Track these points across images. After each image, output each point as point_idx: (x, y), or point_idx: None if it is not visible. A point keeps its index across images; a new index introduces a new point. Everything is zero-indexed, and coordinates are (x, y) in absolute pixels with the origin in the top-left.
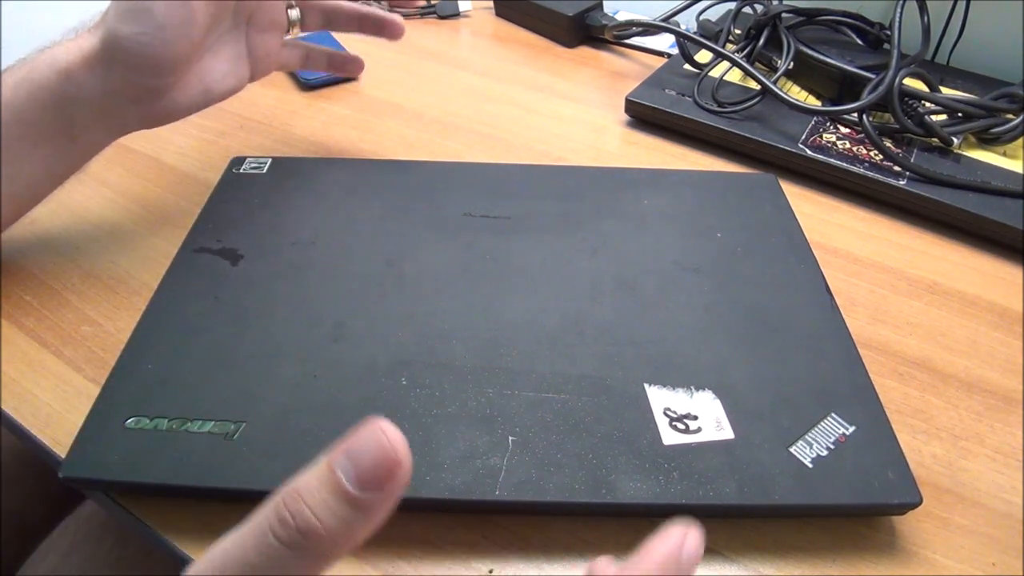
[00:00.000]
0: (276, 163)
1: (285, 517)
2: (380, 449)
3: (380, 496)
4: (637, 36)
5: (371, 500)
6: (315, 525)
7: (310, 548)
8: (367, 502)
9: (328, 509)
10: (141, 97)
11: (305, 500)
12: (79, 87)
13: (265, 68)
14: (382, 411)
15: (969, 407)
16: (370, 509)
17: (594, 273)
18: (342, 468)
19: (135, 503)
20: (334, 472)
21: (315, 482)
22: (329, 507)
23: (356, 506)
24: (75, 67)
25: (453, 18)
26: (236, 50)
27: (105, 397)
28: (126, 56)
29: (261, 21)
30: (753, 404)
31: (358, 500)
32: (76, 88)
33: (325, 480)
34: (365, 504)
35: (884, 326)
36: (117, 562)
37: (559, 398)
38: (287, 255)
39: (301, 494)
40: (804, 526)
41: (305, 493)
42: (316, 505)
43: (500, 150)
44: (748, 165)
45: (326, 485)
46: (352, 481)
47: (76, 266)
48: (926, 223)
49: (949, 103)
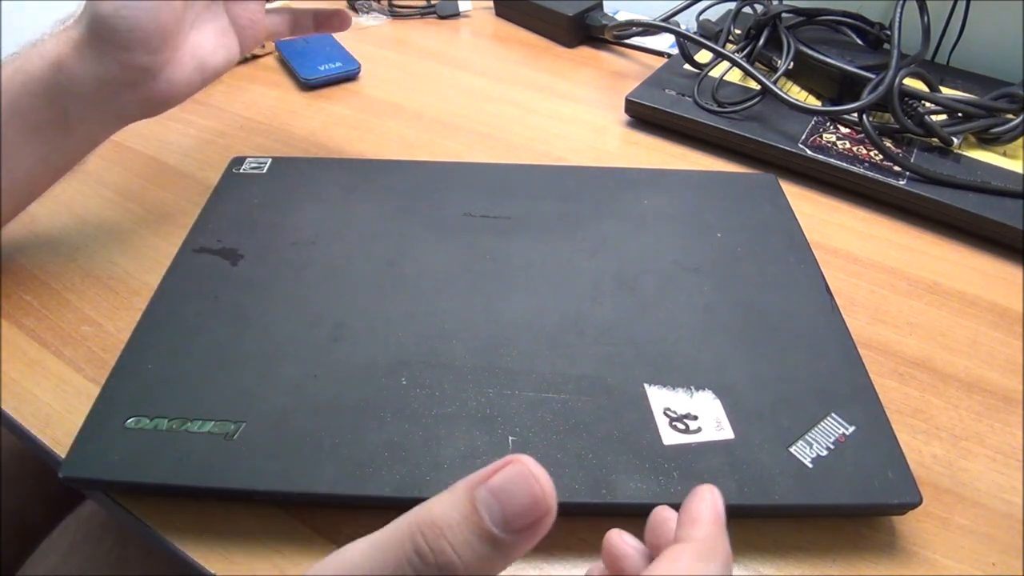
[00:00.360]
0: (276, 163)
1: (425, 552)
2: (531, 496)
3: (523, 540)
4: (637, 36)
5: (514, 543)
6: (455, 563)
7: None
8: (509, 544)
9: (470, 548)
10: (136, 79)
11: (447, 536)
12: (71, 77)
13: (253, 37)
14: (382, 411)
15: (969, 407)
16: (511, 551)
17: (594, 273)
18: (487, 508)
19: (135, 503)
20: (478, 511)
21: (457, 517)
22: (471, 546)
23: (497, 547)
24: (65, 57)
25: (453, 18)
26: (220, 23)
27: (105, 397)
28: (112, 33)
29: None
30: (753, 404)
31: (501, 542)
32: (68, 79)
33: (467, 518)
34: (507, 545)
35: (884, 326)
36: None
37: (559, 398)
38: (287, 255)
39: (442, 530)
40: (804, 526)
41: (446, 529)
42: (458, 544)
43: (500, 150)
44: (748, 165)
45: (468, 524)
46: (498, 523)
47: (76, 266)
48: (926, 223)
49: (949, 103)
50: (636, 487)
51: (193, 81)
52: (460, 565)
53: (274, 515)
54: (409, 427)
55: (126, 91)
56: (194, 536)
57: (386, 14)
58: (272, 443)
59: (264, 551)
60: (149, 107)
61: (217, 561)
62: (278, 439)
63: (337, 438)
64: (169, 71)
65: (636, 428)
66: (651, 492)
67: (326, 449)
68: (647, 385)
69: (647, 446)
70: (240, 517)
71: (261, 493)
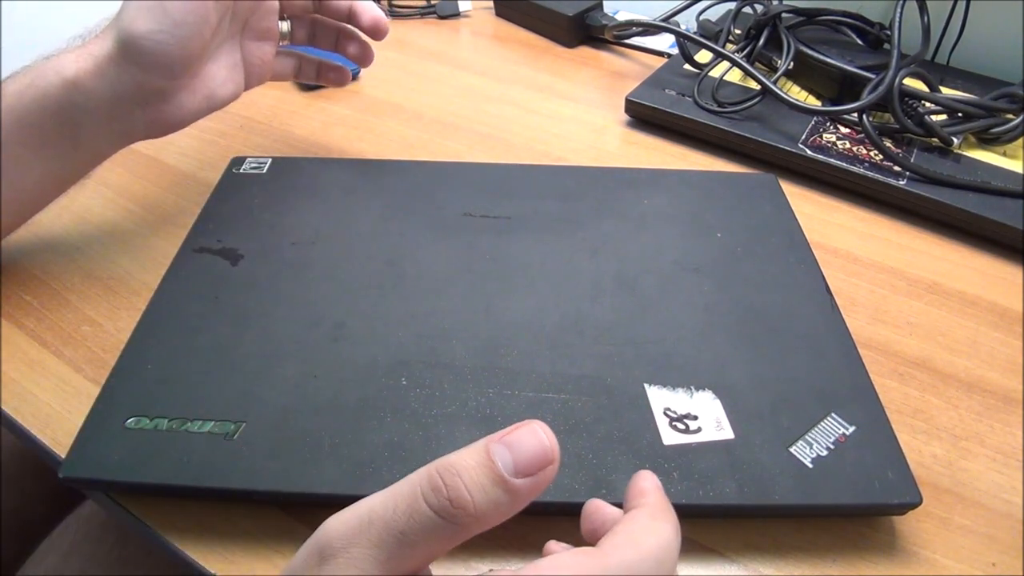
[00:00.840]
0: (276, 163)
1: (439, 486)
2: (539, 446)
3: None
4: (637, 36)
5: (521, 487)
6: (467, 499)
7: (456, 520)
8: (517, 489)
9: (481, 488)
10: (149, 99)
11: (460, 475)
12: (87, 95)
13: (260, 76)
14: (382, 411)
15: (969, 407)
16: (517, 497)
17: (594, 273)
18: (500, 455)
19: (135, 503)
20: (491, 457)
21: (471, 462)
22: (482, 486)
23: (507, 491)
24: (84, 75)
25: (453, 18)
26: (233, 58)
27: (105, 397)
28: (141, 55)
29: (255, 29)
30: (753, 404)
31: (510, 485)
32: (84, 97)
33: (482, 462)
34: (515, 490)
35: (884, 326)
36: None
37: (559, 398)
38: (287, 255)
39: (457, 469)
40: (804, 526)
41: (461, 469)
42: (471, 482)
43: (500, 150)
44: (748, 165)
45: (482, 467)
46: (508, 469)
47: (76, 266)
48: (926, 223)
49: (949, 103)
50: None
51: (200, 109)
52: (471, 503)
53: (274, 515)
54: (409, 427)
55: (138, 110)
56: (194, 536)
57: (386, 14)
58: (272, 443)
59: (264, 551)
60: (156, 128)
61: (217, 561)
62: (278, 439)
63: (337, 438)
64: (181, 97)
65: (636, 428)
66: None
67: (326, 449)
68: (647, 385)
69: (647, 446)
70: (240, 517)
71: (261, 493)
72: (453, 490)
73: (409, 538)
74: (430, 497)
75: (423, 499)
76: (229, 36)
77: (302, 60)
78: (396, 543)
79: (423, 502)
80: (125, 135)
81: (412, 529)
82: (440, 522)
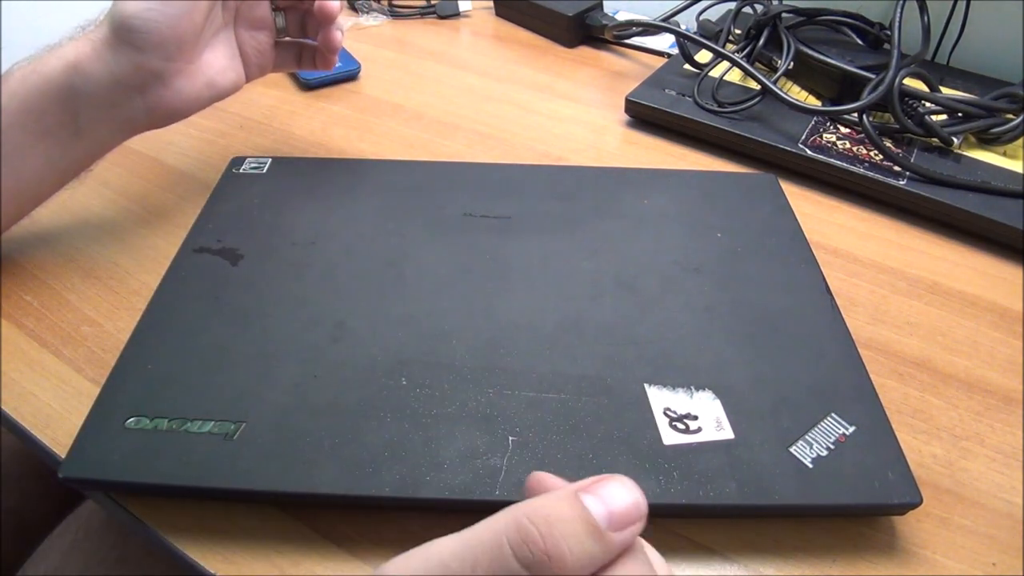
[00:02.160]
0: (276, 163)
1: (534, 537)
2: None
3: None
4: (637, 36)
5: (616, 541)
6: (566, 554)
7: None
8: (612, 543)
9: (579, 542)
10: (147, 83)
11: (556, 527)
12: (86, 78)
13: (261, 66)
14: (382, 411)
15: (969, 407)
16: (610, 552)
17: (594, 273)
18: (595, 507)
19: (135, 503)
20: (586, 508)
21: (567, 512)
22: (580, 540)
23: (603, 544)
24: (83, 57)
25: (453, 18)
26: (230, 47)
27: (105, 397)
28: (132, 34)
29: (248, 18)
30: (753, 404)
31: (607, 539)
32: (83, 79)
33: (577, 513)
34: (610, 544)
35: (884, 326)
36: (117, 561)
37: (559, 398)
38: (287, 255)
39: (551, 520)
40: (804, 526)
41: (556, 520)
42: (568, 536)
43: (500, 150)
44: (748, 165)
45: (579, 519)
46: (604, 521)
47: (76, 266)
48: (926, 223)
49: (949, 103)
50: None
51: (201, 96)
52: (570, 557)
53: (274, 515)
54: (409, 427)
55: (137, 96)
56: (194, 536)
57: (386, 14)
58: (272, 443)
59: (264, 551)
60: (157, 116)
61: (217, 561)
62: (278, 439)
63: (337, 438)
64: (180, 82)
65: (636, 428)
66: (651, 492)
67: (326, 449)
68: (647, 385)
69: (647, 446)
70: (240, 517)
71: (261, 493)
72: (551, 541)
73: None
74: (522, 550)
75: (512, 553)
76: (224, 25)
77: (303, 49)
78: None
79: (512, 557)
80: (126, 123)
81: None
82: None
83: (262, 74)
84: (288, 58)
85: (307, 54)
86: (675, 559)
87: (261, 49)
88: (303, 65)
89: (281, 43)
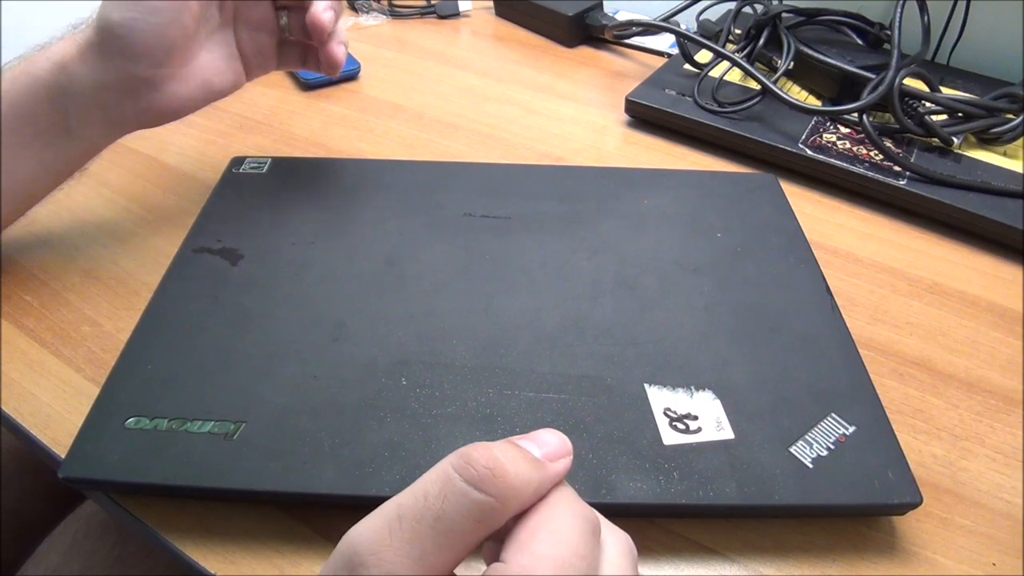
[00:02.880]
0: (276, 163)
1: (474, 458)
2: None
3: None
4: (637, 36)
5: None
6: (507, 466)
7: (495, 491)
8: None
9: (515, 460)
10: (136, 89)
11: (496, 450)
12: (72, 79)
13: (262, 67)
14: (382, 411)
15: (969, 407)
16: (546, 476)
17: (594, 273)
18: (525, 444)
19: (135, 503)
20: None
21: (505, 445)
22: (518, 460)
23: (538, 468)
24: (70, 59)
25: (453, 18)
26: (228, 48)
27: (105, 397)
28: (118, 42)
29: (249, 19)
30: (753, 404)
31: (540, 463)
32: (70, 80)
33: (513, 446)
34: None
35: (884, 326)
36: (117, 561)
37: (559, 398)
38: (287, 255)
39: (491, 447)
40: (804, 526)
41: (492, 446)
42: (505, 455)
43: (500, 150)
44: (748, 165)
45: (515, 448)
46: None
47: (76, 266)
48: (926, 223)
49: (949, 103)
50: (636, 487)
51: (196, 98)
52: (512, 471)
53: (274, 515)
54: (409, 427)
55: (126, 99)
56: (194, 536)
57: (386, 14)
58: (272, 443)
59: (264, 551)
60: (149, 117)
61: (217, 561)
62: (278, 439)
63: (337, 438)
64: (173, 85)
65: (636, 428)
66: (651, 492)
67: (326, 449)
68: (647, 385)
69: (647, 446)
70: (240, 517)
71: (261, 493)
72: (490, 460)
73: (444, 523)
74: (466, 471)
75: (458, 476)
76: (221, 26)
77: (307, 49)
78: (431, 533)
79: (458, 479)
80: (117, 124)
81: (448, 512)
82: (479, 498)
83: (264, 73)
84: (293, 58)
85: (312, 54)
86: (675, 559)
87: (262, 49)
88: (308, 65)
89: (286, 42)
